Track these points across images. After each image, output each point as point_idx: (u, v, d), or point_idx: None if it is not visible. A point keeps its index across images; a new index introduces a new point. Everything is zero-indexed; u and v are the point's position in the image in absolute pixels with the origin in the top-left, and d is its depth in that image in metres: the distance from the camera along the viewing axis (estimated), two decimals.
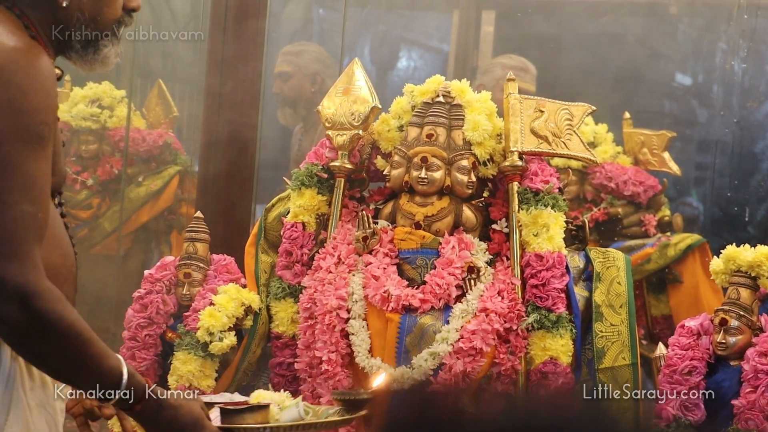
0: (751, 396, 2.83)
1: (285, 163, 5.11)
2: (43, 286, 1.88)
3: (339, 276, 3.08)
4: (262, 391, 2.49)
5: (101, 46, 2.11)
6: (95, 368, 1.94)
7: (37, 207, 1.90)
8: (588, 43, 5.76)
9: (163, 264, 3.36)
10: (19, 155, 1.88)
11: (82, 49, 2.10)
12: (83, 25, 2.08)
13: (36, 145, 1.91)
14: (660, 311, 4.39)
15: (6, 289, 1.84)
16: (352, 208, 3.24)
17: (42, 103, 1.92)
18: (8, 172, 1.87)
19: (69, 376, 1.98)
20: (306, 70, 5.06)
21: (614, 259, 3.10)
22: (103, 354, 1.95)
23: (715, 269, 3.00)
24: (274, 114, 5.08)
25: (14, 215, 1.86)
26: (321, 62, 5.13)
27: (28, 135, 1.90)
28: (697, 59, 5.87)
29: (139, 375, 2.01)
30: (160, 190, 4.84)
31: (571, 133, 3.13)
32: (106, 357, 1.95)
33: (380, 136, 3.23)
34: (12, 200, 1.86)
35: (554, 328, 2.96)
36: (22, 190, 1.88)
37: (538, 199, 3.05)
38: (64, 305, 1.90)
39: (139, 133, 4.86)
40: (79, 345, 1.91)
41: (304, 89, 5.06)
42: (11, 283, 1.84)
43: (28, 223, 1.88)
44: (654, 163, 4.46)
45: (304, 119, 5.10)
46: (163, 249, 4.85)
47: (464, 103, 3.14)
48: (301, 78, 5.04)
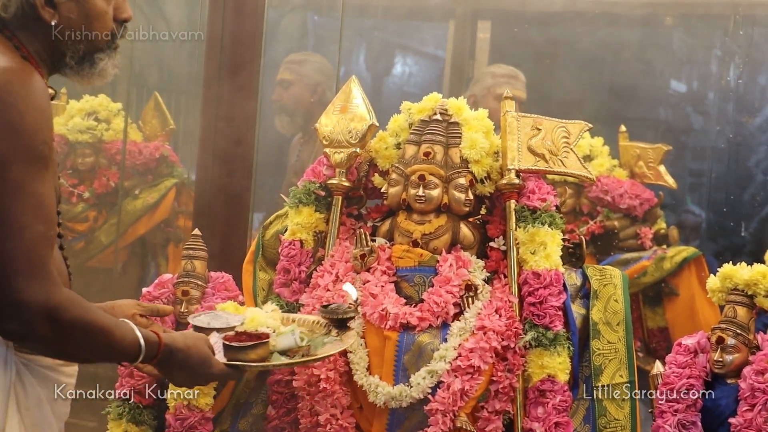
0: (748, 414, 2.84)
1: (282, 173, 5.11)
2: (63, 296, 1.99)
3: (337, 294, 3.09)
4: (256, 311, 2.65)
5: (96, 59, 2.14)
6: (119, 349, 2.13)
7: (47, 225, 1.97)
8: (583, 54, 5.77)
9: (160, 282, 3.36)
10: (26, 177, 1.93)
11: (76, 64, 2.13)
12: (75, 42, 2.10)
13: (39, 164, 1.95)
14: (656, 324, 4.41)
15: (32, 309, 1.94)
16: (349, 226, 3.25)
17: (40, 123, 1.96)
18: (18, 194, 1.92)
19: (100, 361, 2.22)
20: (308, 79, 5.06)
21: (611, 276, 3.11)
22: (122, 335, 2.12)
23: (712, 287, 3.01)
24: (271, 126, 5.08)
25: (29, 237, 1.93)
26: (323, 73, 5.12)
27: (31, 156, 1.94)
28: (692, 71, 5.89)
29: (150, 333, 2.21)
30: (156, 203, 4.84)
31: (568, 150, 3.14)
32: (123, 337, 2.13)
33: (378, 154, 3.24)
34: (25, 222, 1.93)
35: (552, 345, 2.97)
36: (34, 211, 1.94)
37: (535, 216, 3.05)
38: (84, 307, 2.03)
39: (135, 145, 4.86)
40: (103, 337, 2.07)
41: (304, 99, 5.06)
42: (36, 303, 1.94)
43: (42, 241, 1.95)
44: (650, 176, 4.48)
45: (302, 129, 5.10)
46: (159, 262, 4.85)
47: (461, 121, 3.15)
48: (301, 87, 5.04)
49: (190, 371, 2.30)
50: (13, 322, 1.95)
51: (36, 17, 2.06)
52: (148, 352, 2.18)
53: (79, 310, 2.01)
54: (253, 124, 4.06)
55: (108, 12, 2.14)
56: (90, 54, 2.13)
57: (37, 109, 1.95)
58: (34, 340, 1.99)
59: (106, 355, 2.16)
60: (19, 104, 1.92)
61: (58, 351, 2.08)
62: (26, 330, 1.96)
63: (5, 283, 1.92)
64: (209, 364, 2.32)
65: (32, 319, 1.94)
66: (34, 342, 2.01)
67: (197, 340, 2.33)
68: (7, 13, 2.04)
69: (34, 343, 2.02)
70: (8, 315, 1.94)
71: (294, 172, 4.99)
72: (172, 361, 2.25)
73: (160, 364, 2.25)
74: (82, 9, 2.09)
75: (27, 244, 1.92)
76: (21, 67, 1.98)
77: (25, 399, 2.07)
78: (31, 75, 1.98)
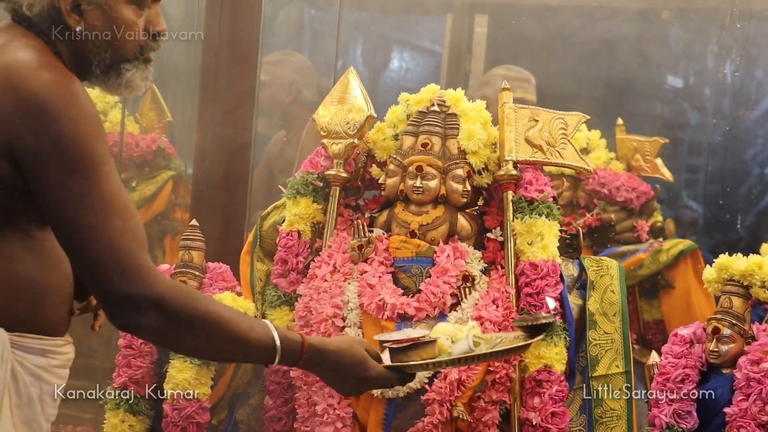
0: (743, 404, 2.85)
1: (279, 167, 5.11)
2: (166, 287, 1.98)
3: (334, 284, 3.10)
4: (442, 324, 2.53)
5: (123, 70, 2.11)
6: (244, 343, 2.08)
7: (125, 220, 1.96)
8: (580, 48, 5.78)
9: None
10: (89, 182, 1.93)
11: (102, 74, 2.10)
12: (101, 50, 2.08)
13: (101, 167, 1.95)
14: (652, 316, 4.42)
15: (136, 303, 1.94)
16: (347, 217, 3.25)
17: (92, 128, 1.96)
18: (86, 201, 1.93)
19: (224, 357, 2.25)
20: (282, 80, 5.05)
21: (608, 267, 3.12)
22: (248, 328, 2.09)
23: (708, 278, 3.03)
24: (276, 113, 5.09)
25: (108, 237, 1.93)
26: (299, 72, 5.12)
27: (89, 162, 1.94)
28: (689, 65, 5.90)
29: (293, 333, 2.17)
30: (153, 195, 4.84)
31: (566, 142, 3.15)
32: (251, 330, 2.09)
33: (375, 145, 3.24)
34: (100, 224, 1.93)
35: (548, 336, 2.98)
36: (106, 211, 1.94)
37: (532, 208, 3.06)
38: (193, 297, 2.02)
39: (132, 138, 4.85)
40: (221, 328, 2.04)
41: (280, 99, 5.06)
42: (138, 297, 1.94)
43: (125, 237, 1.95)
44: (646, 169, 4.49)
45: (283, 128, 5.10)
46: (156, 254, 4.85)
47: (459, 112, 3.16)
48: (276, 88, 5.02)
49: (345, 374, 2.23)
50: (123, 317, 1.96)
51: (61, 21, 2.05)
52: (286, 351, 2.12)
53: (188, 300, 1.99)
54: (251, 116, 4.06)
55: (137, 23, 2.10)
56: (116, 64, 2.10)
57: (87, 114, 1.95)
58: (148, 332, 2.00)
59: (234, 350, 2.10)
60: (71, 112, 1.92)
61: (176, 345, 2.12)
62: (136, 323, 1.96)
63: (104, 283, 1.93)
64: (365, 366, 2.24)
65: (138, 312, 1.95)
66: (149, 335, 2.04)
67: (352, 342, 2.27)
68: (32, 12, 2.03)
69: (150, 336, 2.04)
70: (117, 311, 1.96)
71: (279, 170, 5.00)
72: (325, 364, 2.20)
73: (309, 368, 2.22)
74: (108, 18, 2.07)
75: (109, 244, 1.92)
76: (65, 76, 1.97)
77: (17, 397, 2.06)
78: (75, 81, 1.98)
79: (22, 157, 1.94)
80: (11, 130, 1.93)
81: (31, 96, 1.92)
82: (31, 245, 2.04)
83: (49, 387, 2.09)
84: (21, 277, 2.02)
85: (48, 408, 2.09)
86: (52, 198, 1.94)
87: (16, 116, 1.92)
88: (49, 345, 2.07)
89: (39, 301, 2.05)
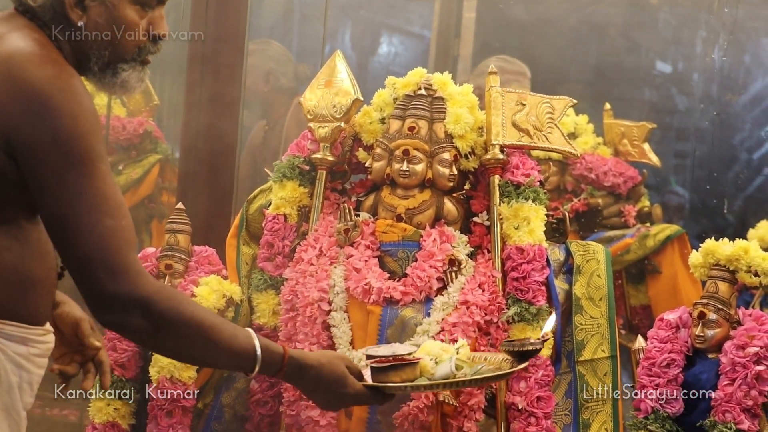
0: (729, 388, 2.85)
1: (264, 156, 5.09)
2: (153, 289, 1.97)
3: (320, 268, 3.09)
4: (430, 342, 2.51)
5: (119, 70, 2.09)
6: (226, 350, 2.08)
7: (117, 219, 1.95)
8: (569, 33, 5.77)
9: (144, 255, 3.35)
10: (85, 179, 1.93)
11: (99, 71, 2.09)
12: (101, 48, 2.07)
13: (96, 163, 1.94)
14: (639, 301, 4.43)
15: (123, 303, 1.94)
16: (333, 201, 3.25)
17: (91, 124, 1.95)
18: (81, 197, 1.92)
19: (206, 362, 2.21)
20: (258, 69, 5.04)
21: (594, 252, 3.12)
22: (232, 335, 2.09)
23: (694, 263, 3.03)
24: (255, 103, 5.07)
25: (99, 234, 1.93)
26: (275, 60, 5.11)
27: (86, 158, 1.93)
28: (677, 49, 5.89)
29: (274, 344, 2.16)
30: (140, 179, 4.82)
31: (553, 126, 3.14)
32: (234, 337, 2.09)
33: (362, 129, 3.23)
34: (92, 221, 1.92)
35: (534, 320, 2.98)
36: (99, 209, 1.93)
37: (519, 192, 3.06)
38: (179, 299, 2.02)
39: (119, 121, 4.83)
40: (204, 333, 2.04)
41: (257, 89, 5.05)
42: (125, 297, 1.94)
43: (116, 235, 1.94)
44: (634, 154, 4.48)
45: (263, 117, 5.09)
46: (143, 238, 4.83)
47: (446, 96, 3.15)
48: (253, 78, 5.01)
49: (325, 390, 2.23)
50: (108, 315, 1.96)
51: (64, 15, 2.04)
52: (266, 362, 2.13)
53: (174, 302, 1.99)
54: (238, 100, 4.04)
55: (139, 24, 2.08)
56: (114, 63, 2.08)
57: (87, 110, 1.94)
58: (132, 332, 1.99)
59: (215, 356, 2.10)
60: (72, 108, 1.91)
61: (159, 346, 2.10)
62: (121, 322, 1.96)
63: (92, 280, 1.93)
64: (344, 383, 2.24)
65: (123, 311, 1.95)
66: (133, 335, 2.03)
67: (333, 358, 2.26)
68: (36, 3, 2.02)
69: (134, 335, 2.03)
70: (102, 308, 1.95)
71: (263, 159, 4.98)
72: (304, 377, 2.20)
73: (289, 379, 2.23)
74: (111, 15, 2.05)
75: (99, 241, 1.92)
76: (65, 71, 1.96)
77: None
78: (74, 76, 1.97)
79: (20, 150, 1.92)
80: (10, 123, 1.91)
81: (33, 89, 1.90)
82: (18, 234, 2.02)
83: (28, 375, 2.08)
84: (6, 265, 2.00)
85: (26, 396, 2.08)
86: (47, 192, 1.93)
87: (16, 109, 1.91)
88: (30, 334, 2.06)
89: (22, 290, 2.04)
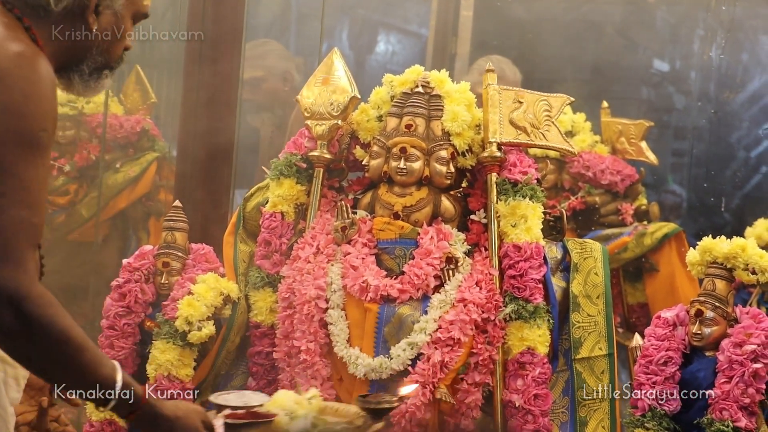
0: (726, 386, 2.86)
1: (264, 150, 5.09)
2: (35, 290, 1.88)
3: (318, 266, 3.09)
4: (284, 393, 2.38)
5: (103, 75, 2.14)
6: (88, 375, 1.94)
7: (32, 212, 1.89)
8: (567, 31, 5.77)
9: (141, 253, 3.35)
10: (16, 159, 1.88)
11: (88, 74, 2.11)
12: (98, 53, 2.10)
13: (35, 151, 1.91)
14: (636, 299, 4.43)
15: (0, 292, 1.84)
16: (330, 198, 3.25)
17: (43, 110, 1.92)
18: (3, 176, 1.86)
19: (62, 381, 1.98)
20: (275, 70, 5.04)
21: (591, 250, 3.12)
22: (98, 362, 1.95)
23: (692, 260, 3.03)
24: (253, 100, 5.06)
25: (8, 219, 1.86)
26: (286, 59, 5.12)
27: (26, 140, 1.89)
28: (675, 48, 5.89)
29: (138, 387, 2.01)
30: (137, 177, 4.82)
31: (550, 124, 3.14)
32: (100, 365, 1.95)
33: (359, 126, 3.23)
34: (6, 204, 1.86)
35: (531, 318, 2.98)
36: (17, 195, 1.87)
37: (516, 190, 3.06)
38: (56, 310, 1.90)
39: (116, 119, 4.83)
40: (71, 351, 1.91)
41: (278, 90, 5.05)
42: (2, 287, 1.84)
43: (23, 227, 1.88)
44: (631, 152, 4.48)
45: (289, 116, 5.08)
46: (141, 236, 4.83)
47: (443, 94, 3.15)
48: (274, 80, 5.01)
49: None
50: None
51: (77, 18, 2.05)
52: (123, 401, 1.98)
53: (50, 311, 1.88)
54: (235, 97, 4.04)
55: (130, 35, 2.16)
56: (102, 68, 2.13)
57: (42, 96, 1.92)
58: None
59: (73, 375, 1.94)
60: (25, 88, 1.89)
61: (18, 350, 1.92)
62: None
63: None
64: None
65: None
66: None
67: (190, 412, 2.13)
68: (57, 7, 2.02)
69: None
70: None
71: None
72: (156, 427, 2.05)
73: (140, 425, 2.05)
74: (118, 26, 2.10)
75: (5, 227, 1.85)
76: (33, 52, 1.95)
77: None
78: (42, 61, 1.95)
79: None
80: None
81: None
82: None
83: (14, 370, 2.06)
84: None
85: (12, 392, 2.06)
86: None
87: None
88: None
89: None
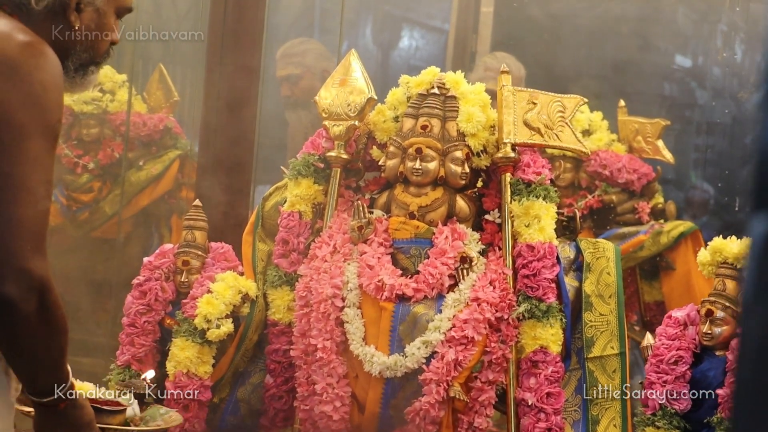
0: None
1: (284, 146, 5.13)
2: (52, 281, 1.95)
3: (334, 265, 3.13)
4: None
5: (89, 71, 2.17)
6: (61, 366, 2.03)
7: (49, 203, 1.96)
8: (585, 29, 5.77)
9: (161, 251, 3.41)
10: (43, 150, 1.93)
11: (74, 70, 2.14)
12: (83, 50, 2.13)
13: (54, 141, 1.96)
14: (653, 298, 4.44)
15: (31, 280, 1.90)
16: (347, 198, 3.29)
17: (57, 101, 1.97)
18: (36, 167, 1.92)
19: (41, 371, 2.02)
20: (314, 69, 5.07)
21: (604, 249, 3.15)
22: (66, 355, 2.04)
23: (702, 261, 3.05)
24: (274, 98, 5.09)
25: (42, 210, 1.93)
26: (325, 58, 5.13)
27: (48, 131, 1.94)
28: (696, 45, 5.88)
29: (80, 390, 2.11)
30: (160, 174, 4.87)
31: (564, 124, 3.17)
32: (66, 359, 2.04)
33: (376, 127, 3.27)
34: (40, 195, 1.92)
35: (544, 317, 3.01)
36: (46, 186, 1.94)
37: (530, 190, 3.09)
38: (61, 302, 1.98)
39: (139, 117, 4.88)
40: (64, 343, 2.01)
41: (316, 88, 5.07)
42: (36, 275, 1.90)
43: (47, 218, 1.95)
44: (648, 150, 4.49)
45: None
46: (163, 233, 4.89)
47: (458, 95, 3.18)
48: (311, 78, 5.04)
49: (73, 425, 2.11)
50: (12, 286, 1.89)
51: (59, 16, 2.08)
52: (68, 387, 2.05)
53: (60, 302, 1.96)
54: (256, 95, 4.08)
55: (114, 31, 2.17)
56: (87, 64, 2.16)
57: (57, 87, 1.96)
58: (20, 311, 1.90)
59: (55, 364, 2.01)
60: (43, 79, 1.93)
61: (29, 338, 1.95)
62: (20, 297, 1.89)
63: (15, 248, 1.88)
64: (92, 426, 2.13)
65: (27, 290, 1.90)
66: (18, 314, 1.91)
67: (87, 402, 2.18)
68: (38, 6, 2.05)
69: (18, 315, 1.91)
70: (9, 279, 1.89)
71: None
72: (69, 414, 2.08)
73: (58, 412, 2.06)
74: (100, 22, 2.13)
75: (39, 216, 1.91)
76: (39, 41, 1.98)
77: None
78: (49, 49, 1.99)
79: None
80: None
81: (5, 54, 1.92)
82: None
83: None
84: None
85: (13, 381, 2.11)
86: None
87: None
88: None
89: None
